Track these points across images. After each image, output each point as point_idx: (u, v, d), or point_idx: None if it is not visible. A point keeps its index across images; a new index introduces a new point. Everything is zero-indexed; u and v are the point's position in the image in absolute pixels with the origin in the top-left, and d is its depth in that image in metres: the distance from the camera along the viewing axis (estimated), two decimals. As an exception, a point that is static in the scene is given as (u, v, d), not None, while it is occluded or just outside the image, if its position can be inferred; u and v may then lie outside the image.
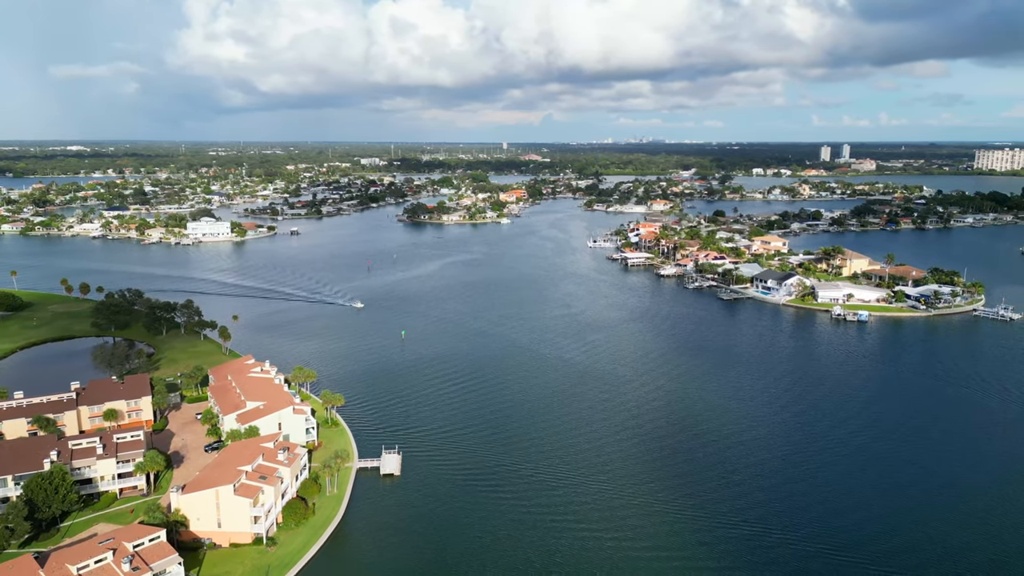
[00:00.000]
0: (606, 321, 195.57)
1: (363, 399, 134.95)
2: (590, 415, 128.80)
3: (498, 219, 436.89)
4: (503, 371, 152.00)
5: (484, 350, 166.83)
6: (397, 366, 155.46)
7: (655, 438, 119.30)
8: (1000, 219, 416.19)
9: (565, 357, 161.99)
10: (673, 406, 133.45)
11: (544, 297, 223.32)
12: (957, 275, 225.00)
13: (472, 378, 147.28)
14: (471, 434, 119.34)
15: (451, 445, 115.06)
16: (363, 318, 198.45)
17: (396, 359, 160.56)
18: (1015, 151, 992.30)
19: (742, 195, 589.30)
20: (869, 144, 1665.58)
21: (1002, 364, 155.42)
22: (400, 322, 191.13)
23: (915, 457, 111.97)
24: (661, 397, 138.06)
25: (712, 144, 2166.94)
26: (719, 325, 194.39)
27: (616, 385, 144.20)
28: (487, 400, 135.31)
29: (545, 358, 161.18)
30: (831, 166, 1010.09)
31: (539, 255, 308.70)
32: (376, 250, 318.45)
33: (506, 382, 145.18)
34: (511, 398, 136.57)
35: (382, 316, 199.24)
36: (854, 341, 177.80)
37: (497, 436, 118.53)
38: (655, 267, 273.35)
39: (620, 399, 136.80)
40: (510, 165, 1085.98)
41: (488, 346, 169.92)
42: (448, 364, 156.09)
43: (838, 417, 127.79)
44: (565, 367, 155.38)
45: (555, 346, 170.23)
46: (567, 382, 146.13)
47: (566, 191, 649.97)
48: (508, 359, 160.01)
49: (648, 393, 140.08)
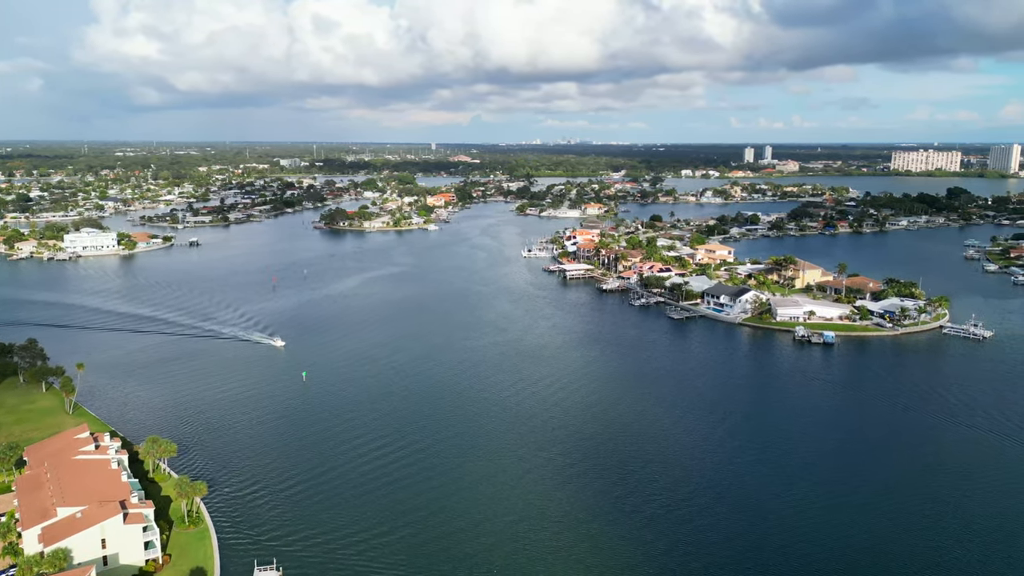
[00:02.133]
0: (547, 348, 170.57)
1: (240, 480, 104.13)
2: (543, 493, 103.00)
3: (425, 225, 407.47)
4: (432, 427, 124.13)
5: (407, 397, 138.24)
6: (292, 424, 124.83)
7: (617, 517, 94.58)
8: (932, 221, 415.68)
9: (506, 402, 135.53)
10: (630, 474, 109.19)
11: (477, 320, 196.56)
12: (915, 286, 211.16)
13: (390, 441, 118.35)
14: (386, 537, 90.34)
15: (359, 554, 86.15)
16: (255, 354, 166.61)
17: (292, 414, 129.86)
18: (929, 152, 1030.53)
19: (675, 198, 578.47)
20: (786, 145, 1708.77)
21: (992, 392, 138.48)
22: (302, 358, 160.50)
23: (937, 542, 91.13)
24: (613, 459, 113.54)
25: (638, 145, 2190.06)
26: (672, 351, 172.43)
27: (567, 439, 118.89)
28: (409, 476, 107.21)
29: (482, 404, 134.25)
30: (756, 167, 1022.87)
31: (470, 267, 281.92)
32: (286, 263, 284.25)
33: (436, 446, 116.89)
34: (443, 472, 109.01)
35: (278, 352, 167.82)
36: (823, 367, 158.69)
37: (424, 537, 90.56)
38: (596, 280, 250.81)
39: (576, 464, 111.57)
40: (439, 166, 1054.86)
41: (412, 390, 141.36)
42: (360, 419, 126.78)
43: (820, 475, 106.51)
44: (507, 416, 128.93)
45: (493, 387, 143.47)
46: (510, 440, 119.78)
47: (497, 194, 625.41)
48: (437, 408, 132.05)
49: (604, 455, 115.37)
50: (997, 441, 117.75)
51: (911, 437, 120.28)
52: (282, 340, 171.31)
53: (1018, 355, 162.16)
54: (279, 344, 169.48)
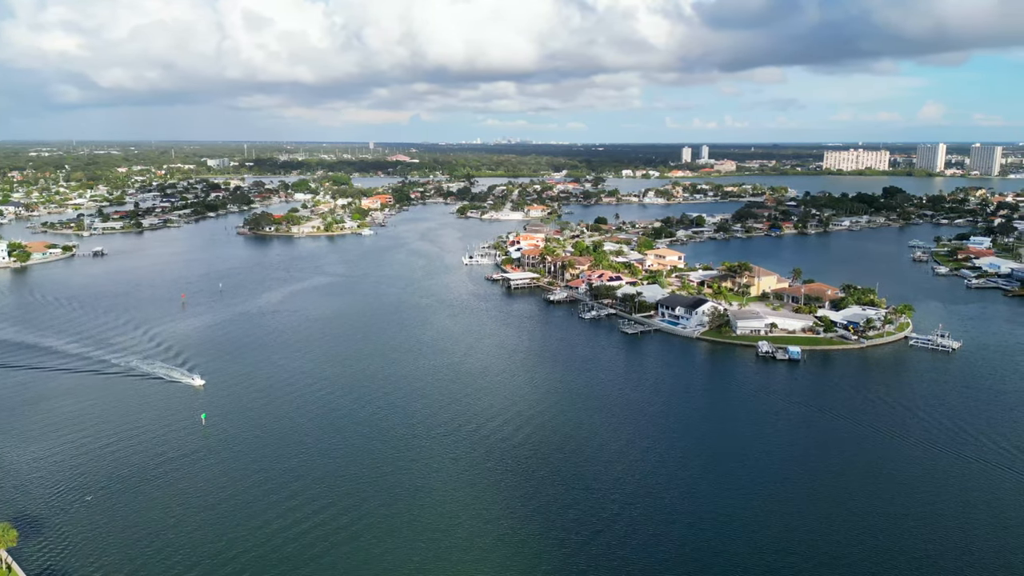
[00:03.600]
0: (491, 372, 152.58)
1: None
2: (491, 552, 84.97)
3: (359, 230, 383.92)
4: (354, 487, 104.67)
5: (331, 451, 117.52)
6: (178, 491, 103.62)
7: None
8: (873, 221, 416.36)
9: (451, 450, 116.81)
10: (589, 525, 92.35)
11: (415, 341, 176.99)
12: (873, 292, 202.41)
13: (300, 511, 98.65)
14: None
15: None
16: (157, 392, 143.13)
17: (183, 479, 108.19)
18: (859, 151, 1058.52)
19: (618, 198, 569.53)
20: (721, 145, 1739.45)
21: (975, 413, 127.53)
22: (204, 398, 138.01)
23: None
24: (569, 504, 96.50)
25: (578, 145, 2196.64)
26: (627, 371, 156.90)
27: (516, 487, 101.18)
28: (326, 553, 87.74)
29: (426, 458, 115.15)
30: (694, 167, 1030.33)
31: (407, 276, 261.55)
32: (200, 275, 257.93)
33: (357, 518, 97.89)
34: (367, 548, 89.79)
35: (174, 389, 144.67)
36: (790, 387, 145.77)
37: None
38: (543, 290, 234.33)
39: (529, 516, 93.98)
40: (376, 166, 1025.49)
41: (339, 442, 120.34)
42: (269, 484, 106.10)
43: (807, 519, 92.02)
44: (445, 463, 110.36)
45: (435, 429, 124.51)
46: (450, 494, 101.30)
47: (437, 195, 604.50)
48: (368, 468, 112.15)
49: (560, 501, 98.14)
50: (992, 472, 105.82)
51: (898, 468, 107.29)
52: (201, 378, 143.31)
53: (991, 369, 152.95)
54: (198, 383, 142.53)
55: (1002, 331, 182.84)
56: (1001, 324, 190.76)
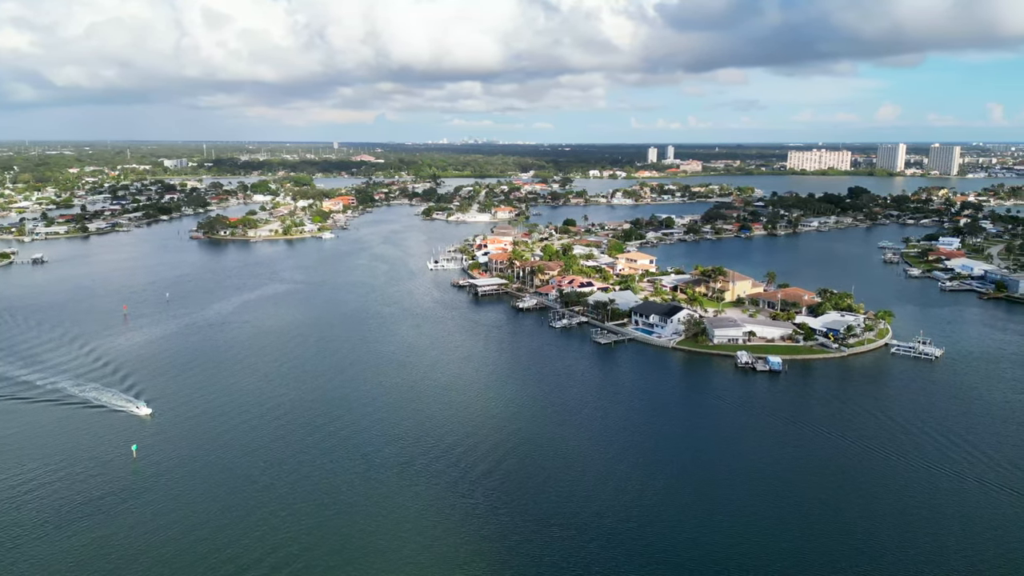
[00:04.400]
0: (457, 389, 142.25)
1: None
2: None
3: (320, 233, 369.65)
4: (304, 547, 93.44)
5: (277, 487, 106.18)
6: (93, 551, 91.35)
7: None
8: (841, 222, 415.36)
9: (412, 483, 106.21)
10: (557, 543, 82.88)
11: (376, 355, 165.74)
12: (850, 297, 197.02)
13: (240, 572, 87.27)
14: None
15: None
16: (71, 420, 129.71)
17: (103, 524, 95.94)
18: (821, 151, 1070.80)
19: (586, 199, 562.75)
20: (686, 145, 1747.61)
21: (961, 424, 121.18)
22: (149, 428, 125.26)
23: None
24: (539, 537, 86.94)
25: (544, 145, 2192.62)
26: (600, 385, 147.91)
27: (488, 522, 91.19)
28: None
29: (383, 494, 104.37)
30: (660, 167, 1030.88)
31: (370, 282, 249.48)
32: (146, 283, 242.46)
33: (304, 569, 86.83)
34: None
35: (114, 419, 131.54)
36: (771, 399, 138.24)
37: None
38: (512, 297, 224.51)
39: (497, 550, 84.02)
40: (340, 166, 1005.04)
41: (287, 476, 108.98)
42: (201, 529, 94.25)
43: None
44: (414, 506, 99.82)
45: (394, 458, 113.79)
46: (417, 549, 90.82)
47: (401, 196, 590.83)
48: (318, 507, 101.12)
49: (529, 530, 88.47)
50: (993, 494, 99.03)
51: (896, 492, 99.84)
52: (148, 407, 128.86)
53: (977, 378, 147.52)
54: (143, 412, 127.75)
55: (982, 336, 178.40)
56: (980, 329, 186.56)
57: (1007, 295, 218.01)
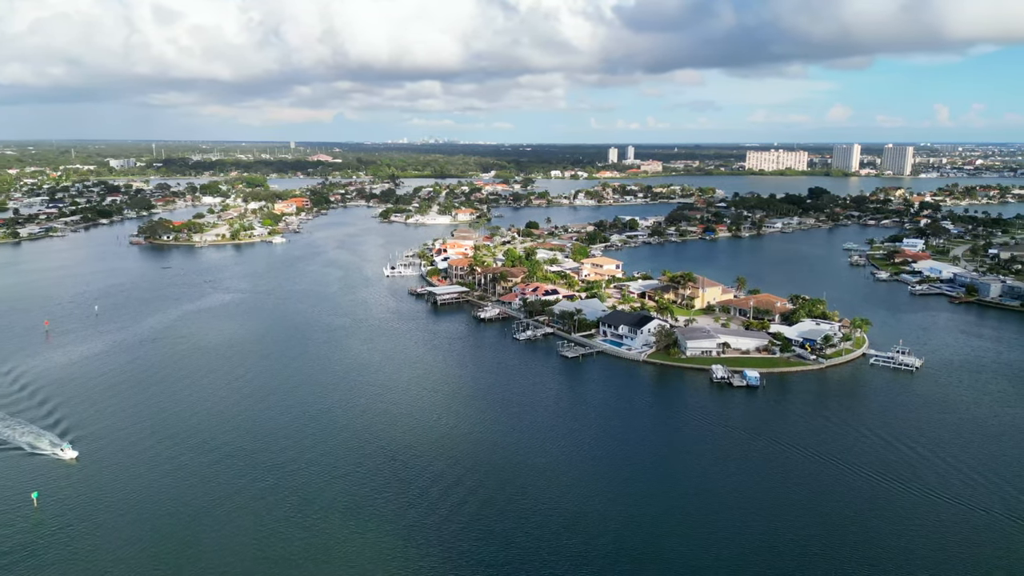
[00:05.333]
0: (414, 415, 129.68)
1: None
2: None
3: (270, 237, 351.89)
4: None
5: (199, 542, 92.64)
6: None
7: None
8: (804, 223, 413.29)
9: (359, 532, 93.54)
10: None
11: (324, 374, 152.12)
12: (823, 303, 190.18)
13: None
14: None
15: None
16: None
17: None
18: (779, 152, 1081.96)
19: (549, 201, 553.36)
20: (645, 145, 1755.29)
21: (953, 442, 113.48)
22: (37, 470, 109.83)
23: None
24: None
25: (505, 145, 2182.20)
26: (570, 406, 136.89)
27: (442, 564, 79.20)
28: None
29: (324, 546, 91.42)
30: (621, 167, 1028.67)
31: (320, 291, 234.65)
32: (76, 295, 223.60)
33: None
34: None
35: (15, 461, 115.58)
36: (750, 417, 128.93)
37: None
38: (473, 306, 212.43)
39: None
40: (297, 166, 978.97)
41: (216, 530, 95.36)
42: None
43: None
44: (363, 561, 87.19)
45: (340, 501, 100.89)
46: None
47: (359, 197, 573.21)
48: (250, 565, 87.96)
49: None
50: (1002, 525, 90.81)
51: (893, 521, 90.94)
52: (73, 448, 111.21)
53: (961, 390, 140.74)
54: (69, 456, 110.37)
55: (960, 344, 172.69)
56: (957, 336, 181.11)
57: (978, 299, 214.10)
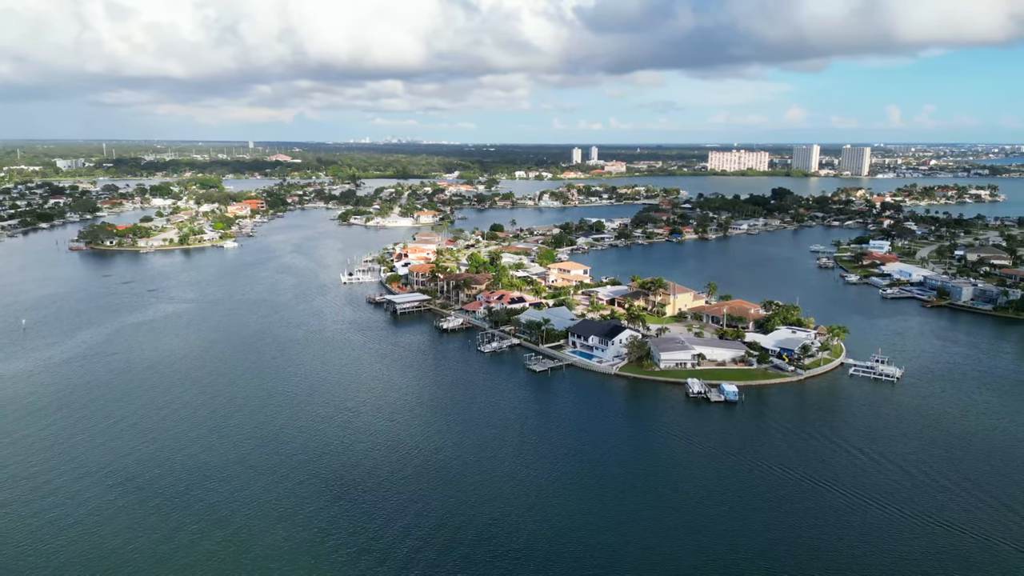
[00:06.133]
0: (369, 442, 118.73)
1: None
2: None
3: (221, 241, 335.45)
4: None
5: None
6: None
7: None
8: (769, 224, 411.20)
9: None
10: None
11: (272, 394, 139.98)
12: (797, 309, 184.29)
13: None
14: None
15: None
16: None
17: None
18: (741, 152, 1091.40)
19: (513, 202, 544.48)
20: (608, 146, 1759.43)
21: (945, 461, 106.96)
22: None
23: None
24: None
25: (469, 145, 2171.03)
26: (539, 426, 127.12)
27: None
28: None
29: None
30: (585, 168, 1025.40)
31: (273, 300, 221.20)
32: (3, 307, 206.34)
33: None
34: None
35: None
36: (730, 437, 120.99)
37: None
38: (435, 315, 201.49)
39: None
40: (254, 167, 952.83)
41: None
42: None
43: None
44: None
45: (274, 560, 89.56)
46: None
47: (317, 199, 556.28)
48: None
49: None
50: (1000, 550, 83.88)
51: (887, 551, 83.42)
52: None
53: (944, 402, 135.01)
54: None
55: (938, 351, 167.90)
56: (932, 342, 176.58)
57: (949, 303, 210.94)
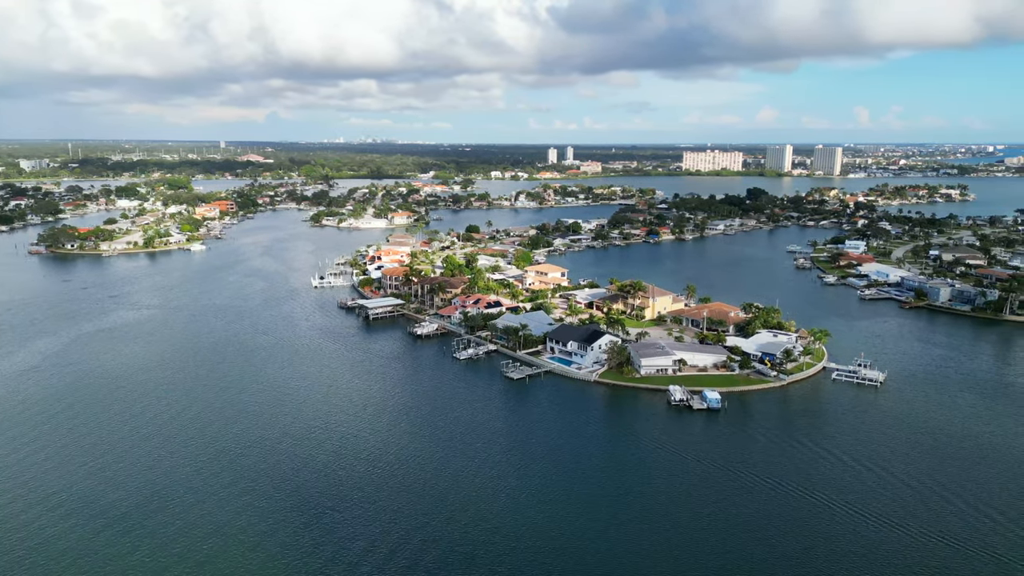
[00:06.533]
0: (340, 461, 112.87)
1: None
2: None
3: (188, 244, 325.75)
4: None
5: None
6: None
7: None
8: (745, 224, 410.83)
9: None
10: None
11: (238, 409, 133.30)
12: (777, 312, 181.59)
13: None
14: None
15: None
16: None
17: None
18: (715, 152, 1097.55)
19: (489, 203, 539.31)
20: (584, 146, 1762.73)
21: (936, 470, 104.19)
22: None
23: None
24: None
25: (444, 145, 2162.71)
26: (519, 437, 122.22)
27: None
28: None
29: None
30: (561, 168, 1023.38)
31: (240, 306, 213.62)
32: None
33: None
34: None
35: None
36: (714, 446, 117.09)
37: None
38: (409, 320, 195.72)
39: None
40: (226, 167, 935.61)
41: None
42: None
43: None
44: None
45: None
46: None
47: (289, 200, 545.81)
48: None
49: None
50: (1006, 565, 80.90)
51: (882, 563, 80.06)
52: None
53: (928, 407, 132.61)
54: None
55: (919, 354, 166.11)
56: (913, 344, 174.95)
57: (928, 304, 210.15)
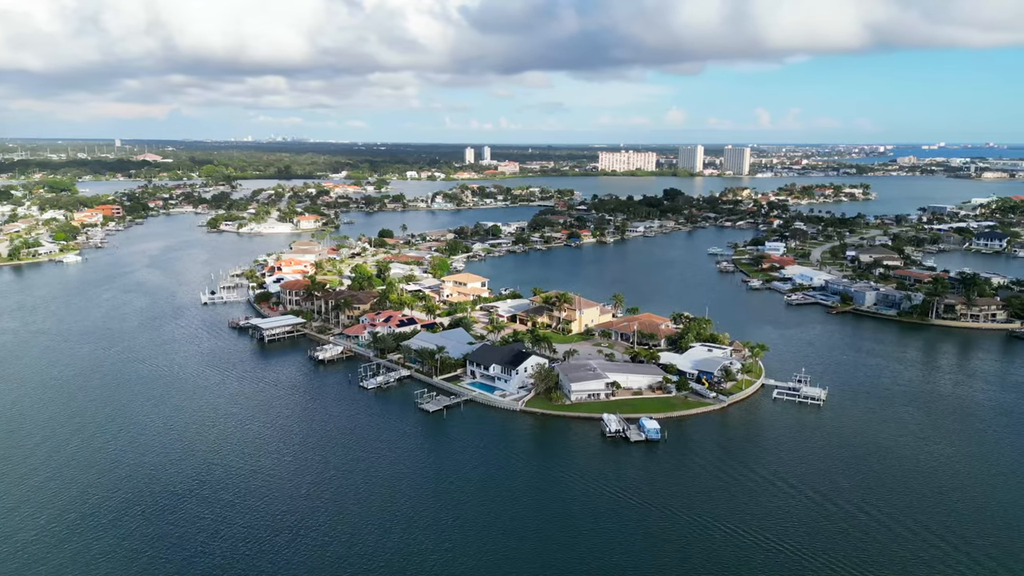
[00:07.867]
0: (237, 527, 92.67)
1: None
2: None
3: (62, 255, 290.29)
4: None
5: None
6: None
7: None
8: (664, 226, 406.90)
9: None
10: None
11: (100, 459, 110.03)
12: (709, 323, 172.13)
13: None
14: None
15: None
16: None
17: None
18: (629, 153, 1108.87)
19: (404, 204, 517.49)
20: (500, 146, 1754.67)
21: (899, 497, 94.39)
22: None
23: None
24: None
25: (358, 144, 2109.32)
26: (435, 486, 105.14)
27: None
28: None
29: None
30: (478, 168, 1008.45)
31: (114, 328, 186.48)
32: None
33: None
34: None
35: None
36: (656, 485, 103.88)
37: None
38: (311, 341, 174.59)
39: None
40: (119, 167, 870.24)
41: None
42: None
43: None
44: None
45: None
46: None
47: (185, 202, 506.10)
48: None
49: None
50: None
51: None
52: None
53: (875, 426, 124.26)
54: None
55: (855, 365, 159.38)
56: (848, 354, 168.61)
57: (854, 308, 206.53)
